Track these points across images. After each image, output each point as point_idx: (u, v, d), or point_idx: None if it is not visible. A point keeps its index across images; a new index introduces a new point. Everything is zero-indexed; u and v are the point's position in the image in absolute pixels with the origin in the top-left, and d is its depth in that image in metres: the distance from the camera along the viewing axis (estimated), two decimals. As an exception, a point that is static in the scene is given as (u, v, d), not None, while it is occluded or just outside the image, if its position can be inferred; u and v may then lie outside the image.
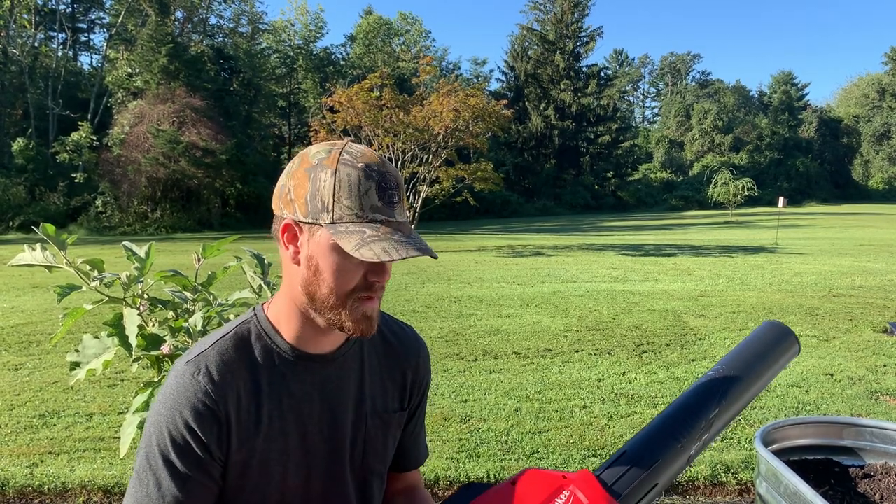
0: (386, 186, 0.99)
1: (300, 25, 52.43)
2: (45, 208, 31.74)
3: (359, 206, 0.98)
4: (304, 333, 1.08)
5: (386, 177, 1.00)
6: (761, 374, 1.12)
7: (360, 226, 0.97)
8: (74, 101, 39.24)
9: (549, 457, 3.99)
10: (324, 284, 1.01)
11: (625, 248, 19.83)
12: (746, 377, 1.09)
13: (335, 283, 1.01)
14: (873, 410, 4.85)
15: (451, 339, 7.19)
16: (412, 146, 20.39)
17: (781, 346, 1.18)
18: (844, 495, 1.91)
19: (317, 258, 1.01)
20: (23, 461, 3.96)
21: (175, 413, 1.01)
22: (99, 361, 1.76)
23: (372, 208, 0.98)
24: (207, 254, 1.97)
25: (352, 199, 0.98)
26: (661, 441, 0.99)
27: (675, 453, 0.98)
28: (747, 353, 1.14)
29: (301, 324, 1.07)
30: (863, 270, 13.09)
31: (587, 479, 0.92)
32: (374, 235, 0.96)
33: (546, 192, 52.66)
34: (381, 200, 0.99)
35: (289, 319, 1.08)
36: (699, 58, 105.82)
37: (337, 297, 1.01)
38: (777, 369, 1.16)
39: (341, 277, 1.00)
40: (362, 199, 0.98)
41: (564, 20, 56.36)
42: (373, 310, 1.03)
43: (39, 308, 9.42)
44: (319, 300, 1.03)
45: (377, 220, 0.98)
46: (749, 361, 1.12)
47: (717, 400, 1.04)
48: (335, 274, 1.00)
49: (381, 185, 0.99)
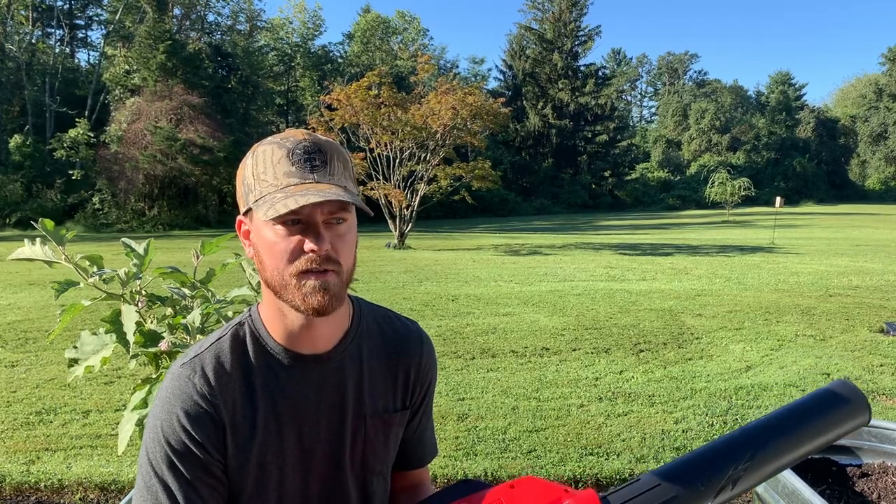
0: (301, 151, 0.98)
1: (298, 23, 52.43)
2: (43, 205, 31.71)
3: (273, 176, 0.97)
4: (289, 331, 1.06)
5: (302, 144, 0.99)
6: (814, 436, 0.98)
7: (274, 193, 0.96)
8: (72, 97, 39.16)
9: (546, 455, 3.99)
10: (267, 267, 1.00)
11: (622, 248, 19.84)
12: (794, 435, 0.97)
13: (273, 261, 0.99)
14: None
15: (448, 338, 7.19)
16: (410, 144, 20.38)
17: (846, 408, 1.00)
18: (842, 494, 1.91)
19: (256, 242, 1.02)
20: (19, 458, 3.95)
21: (172, 416, 1.01)
22: (97, 358, 1.75)
23: (286, 174, 0.97)
24: (206, 251, 1.97)
25: (267, 173, 0.98)
26: (680, 477, 0.91)
27: (694, 494, 0.90)
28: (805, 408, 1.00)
29: (282, 321, 1.06)
30: (859, 270, 13.10)
31: (590, 497, 0.87)
32: (284, 196, 0.95)
33: (544, 190, 52.67)
34: (294, 165, 0.97)
35: (273, 318, 1.07)
36: (696, 57, 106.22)
37: (280, 275, 0.99)
38: (837, 435, 1.00)
39: (275, 252, 0.98)
40: (275, 169, 0.97)
41: (562, 19, 56.37)
42: (320, 284, 0.98)
43: (36, 305, 9.40)
44: (272, 285, 1.01)
45: (291, 185, 0.96)
46: (803, 418, 0.98)
47: (753, 450, 0.94)
48: (269, 251, 0.99)
49: (294, 151, 0.98)
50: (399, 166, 20.87)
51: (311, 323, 1.05)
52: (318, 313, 0.99)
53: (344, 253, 1.00)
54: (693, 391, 5.26)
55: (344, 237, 1.00)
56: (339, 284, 1.00)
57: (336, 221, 0.99)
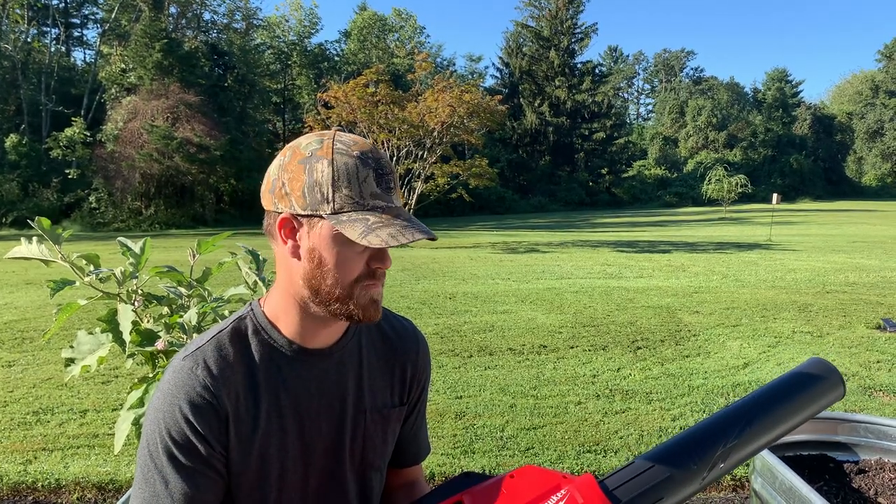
0: (382, 172, 0.99)
1: (294, 21, 52.42)
2: (39, 204, 31.64)
3: (359, 195, 0.97)
4: (303, 328, 1.07)
5: (381, 163, 1.00)
6: (795, 411, 1.04)
7: (362, 214, 0.97)
8: (68, 96, 39.11)
9: (544, 452, 4.00)
10: (328, 276, 1.01)
11: (619, 245, 19.85)
12: (777, 411, 1.03)
13: (340, 274, 1.00)
14: (867, 406, 4.87)
15: (446, 336, 7.19)
16: (407, 142, 20.37)
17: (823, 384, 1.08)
18: (839, 490, 1.91)
19: (319, 250, 1.00)
20: (16, 458, 3.94)
21: (174, 408, 1.00)
22: (93, 358, 1.75)
23: (372, 195, 0.98)
24: (202, 250, 1.96)
25: (351, 188, 0.97)
26: (673, 457, 0.95)
27: (687, 473, 0.94)
28: (785, 386, 1.07)
29: (300, 318, 1.06)
30: (856, 267, 13.13)
31: (588, 481, 0.90)
32: (378, 222, 0.96)
33: (541, 188, 52.70)
34: (380, 187, 0.99)
35: (287, 314, 1.07)
36: (693, 54, 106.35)
37: (342, 287, 1.01)
38: (815, 409, 1.07)
39: (346, 267, 1.00)
40: (361, 187, 0.97)
41: (559, 17, 56.39)
42: (379, 294, 1.04)
43: (33, 304, 9.38)
44: (324, 292, 1.02)
45: (378, 207, 0.98)
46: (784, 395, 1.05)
47: (740, 428, 0.99)
48: (339, 264, 1.00)
49: (378, 172, 0.99)
50: (396, 164, 20.86)
51: (328, 322, 1.07)
52: (370, 320, 1.05)
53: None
54: (690, 388, 5.27)
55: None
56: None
57: None
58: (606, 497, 0.89)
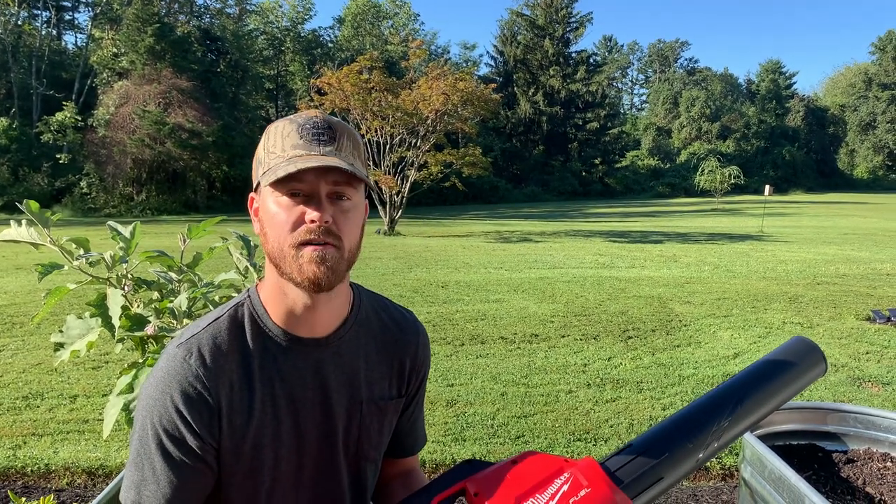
0: (310, 126, 0.99)
1: (288, 7, 52.05)
2: (29, 189, 31.45)
3: (282, 149, 0.99)
4: (290, 312, 1.05)
5: (313, 120, 1.01)
6: (781, 389, 1.09)
7: (279, 163, 0.97)
8: (59, 80, 38.80)
9: (535, 440, 4.01)
10: (269, 238, 1.00)
11: (612, 235, 19.88)
12: (765, 389, 1.07)
13: (274, 232, 0.99)
14: (856, 397, 4.91)
15: (438, 324, 7.19)
16: (401, 130, 20.29)
17: (806, 362, 1.14)
18: (828, 479, 1.92)
19: (262, 216, 1.03)
20: (6, 443, 3.93)
21: (166, 397, 1.00)
22: (83, 342, 1.73)
23: (293, 146, 0.98)
24: (193, 234, 1.95)
25: (276, 146, 0.99)
26: (670, 437, 0.99)
27: (684, 452, 0.98)
28: (771, 365, 1.12)
29: (283, 301, 1.05)
30: (847, 259, 13.19)
31: (590, 464, 0.92)
32: (285, 164, 0.96)
33: (534, 178, 52.66)
34: (303, 138, 0.99)
35: (274, 299, 1.06)
36: (687, 45, 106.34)
37: (280, 246, 0.98)
38: (800, 386, 1.12)
39: (276, 222, 0.99)
40: (284, 142, 0.99)
41: (554, 5, 56.14)
42: (317, 255, 0.97)
43: (23, 289, 9.33)
44: (272, 258, 1.01)
45: (297, 156, 0.97)
46: (771, 374, 1.10)
47: (731, 407, 1.03)
48: (271, 221, 0.99)
49: (304, 126, 0.99)
50: (389, 152, 20.79)
51: (312, 303, 1.04)
52: (314, 285, 0.98)
53: (346, 229, 0.99)
54: (681, 378, 5.29)
55: (347, 213, 1.00)
56: (338, 259, 0.99)
57: (340, 197, 0.99)
58: (609, 478, 0.91)
